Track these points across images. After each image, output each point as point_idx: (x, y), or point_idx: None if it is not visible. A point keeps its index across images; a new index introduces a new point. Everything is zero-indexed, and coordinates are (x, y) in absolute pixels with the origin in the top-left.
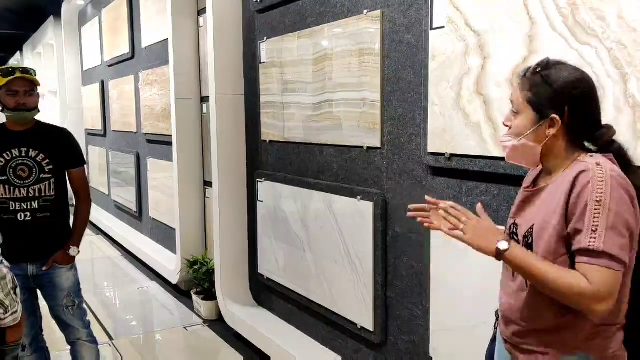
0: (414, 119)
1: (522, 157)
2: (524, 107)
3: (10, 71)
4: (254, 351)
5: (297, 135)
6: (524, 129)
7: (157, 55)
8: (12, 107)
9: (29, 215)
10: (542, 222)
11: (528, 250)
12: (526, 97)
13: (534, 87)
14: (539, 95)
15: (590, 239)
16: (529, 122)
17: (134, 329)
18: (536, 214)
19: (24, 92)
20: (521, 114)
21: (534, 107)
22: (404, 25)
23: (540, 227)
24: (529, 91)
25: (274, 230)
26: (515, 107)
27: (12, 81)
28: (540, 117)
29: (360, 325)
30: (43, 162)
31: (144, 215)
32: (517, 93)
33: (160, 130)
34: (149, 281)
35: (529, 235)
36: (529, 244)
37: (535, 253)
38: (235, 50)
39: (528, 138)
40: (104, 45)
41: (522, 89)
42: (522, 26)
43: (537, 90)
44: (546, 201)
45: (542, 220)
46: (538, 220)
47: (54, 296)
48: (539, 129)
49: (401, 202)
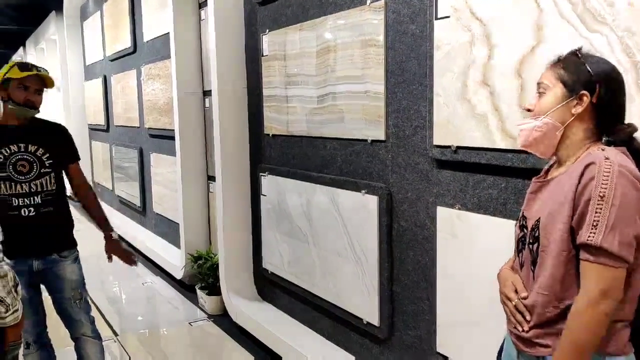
0: (418, 111)
1: (539, 141)
2: (554, 85)
3: (29, 67)
4: (259, 346)
5: (301, 129)
6: (551, 105)
7: (159, 49)
8: (21, 102)
9: (32, 211)
10: (548, 216)
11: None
12: (559, 75)
13: (569, 66)
14: (572, 73)
15: (590, 233)
16: (557, 98)
17: (139, 324)
18: (543, 206)
19: (34, 90)
20: (549, 91)
21: (565, 83)
22: (408, 16)
23: (547, 221)
24: (562, 69)
25: (277, 225)
26: (544, 85)
27: (28, 77)
28: (569, 94)
29: (365, 320)
30: (43, 156)
31: (147, 210)
32: (549, 72)
33: (163, 125)
34: (154, 276)
35: (535, 228)
36: (535, 237)
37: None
38: (237, 43)
39: (552, 115)
40: (106, 40)
41: (555, 68)
42: (529, 14)
43: (572, 68)
44: (553, 193)
45: (548, 213)
46: (544, 213)
47: (60, 289)
48: (566, 106)
49: (406, 196)
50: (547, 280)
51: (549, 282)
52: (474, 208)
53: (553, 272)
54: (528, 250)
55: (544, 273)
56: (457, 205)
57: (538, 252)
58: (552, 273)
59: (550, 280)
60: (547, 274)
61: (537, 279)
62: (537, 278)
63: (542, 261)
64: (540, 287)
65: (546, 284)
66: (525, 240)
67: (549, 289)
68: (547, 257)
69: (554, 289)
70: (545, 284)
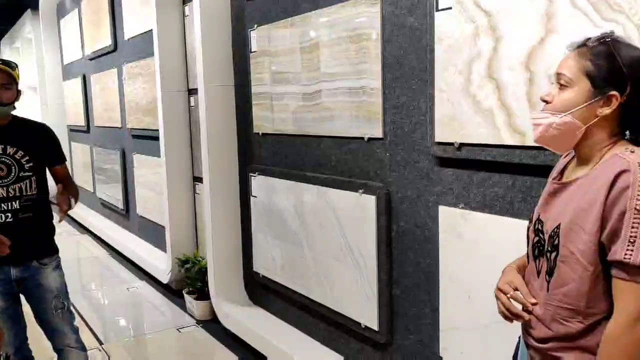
0: (418, 107)
1: (556, 139)
2: (578, 79)
3: None
4: (250, 352)
5: (292, 127)
6: (574, 103)
7: (141, 47)
8: None
9: (10, 217)
10: (570, 223)
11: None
12: (584, 68)
13: (597, 58)
14: (601, 67)
15: (627, 250)
16: (581, 96)
17: (125, 331)
18: (563, 211)
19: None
20: (573, 86)
21: (592, 79)
22: (407, 8)
23: (569, 228)
24: (589, 61)
25: (269, 227)
26: (567, 78)
27: None
28: (596, 93)
29: (364, 324)
30: (22, 159)
31: (131, 212)
32: (572, 62)
33: (146, 125)
34: (139, 281)
35: (555, 235)
36: (554, 245)
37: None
38: (224, 39)
39: (574, 115)
40: (85, 38)
41: (580, 59)
42: (538, 3)
43: (601, 61)
44: (575, 197)
45: (569, 220)
46: (565, 219)
47: (42, 298)
48: (591, 106)
49: (406, 195)
50: (572, 293)
51: (574, 295)
52: (478, 207)
53: (578, 286)
54: (545, 259)
55: (568, 286)
56: (461, 205)
57: (556, 262)
58: (578, 287)
59: (575, 293)
60: (572, 287)
61: (553, 289)
62: (552, 289)
63: (561, 272)
64: (563, 300)
65: (570, 297)
66: (543, 248)
67: (574, 303)
68: (568, 270)
69: (579, 303)
70: (569, 297)
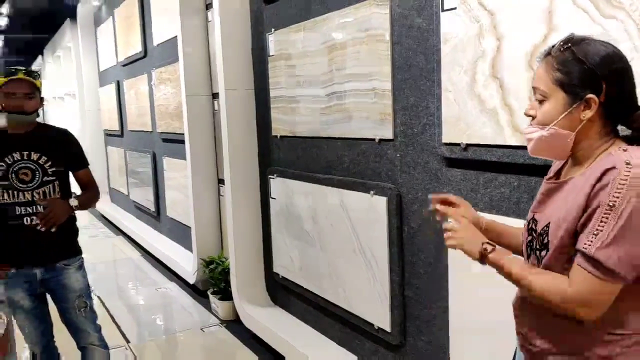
0: (427, 107)
1: (551, 149)
2: (552, 90)
3: (12, 72)
4: (270, 352)
5: (307, 130)
6: (555, 115)
7: (169, 53)
8: (9, 109)
9: (35, 220)
10: (559, 220)
11: (513, 256)
12: (555, 78)
13: (564, 66)
14: (571, 73)
15: (587, 241)
16: (560, 106)
17: (151, 331)
18: (554, 210)
19: (23, 95)
20: (549, 98)
21: (565, 88)
22: (414, 9)
23: (557, 226)
24: (557, 71)
25: (287, 228)
26: (541, 92)
27: (12, 82)
28: (573, 99)
29: (377, 325)
30: (45, 164)
31: (162, 214)
32: (543, 75)
33: (174, 129)
34: (168, 282)
35: (544, 233)
36: (544, 244)
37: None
38: (243, 44)
39: (560, 125)
40: (118, 45)
41: (549, 70)
42: (539, 1)
43: (568, 68)
44: (568, 197)
45: (558, 218)
46: (554, 218)
47: (65, 298)
48: (573, 113)
49: (416, 197)
50: None
51: None
52: (485, 208)
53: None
54: (534, 257)
55: None
56: None
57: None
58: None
59: None
60: None
61: None
62: None
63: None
64: None
65: None
66: (533, 246)
67: None
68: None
69: None
70: None
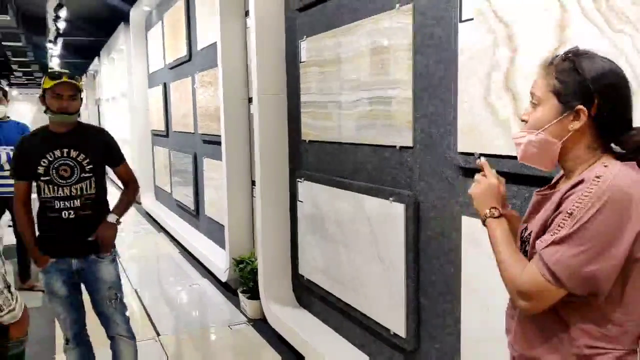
0: (445, 116)
1: (537, 156)
2: (546, 97)
3: (57, 75)
4: (293, 352)
5: (334, 135)
6: (545, 121)
7: (211, 57)
8: (55, 110)
9: (72, 213)
10: (537, 230)
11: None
12: (551, 86)
13: (562, 75)
14: (567, 83)
15: (542, 240)
16: (551, 113)
17: (181, 326)
18: (537, 220)
19: (68, 97)
20: (543, 104)
21: (558, 96)
22: (435, 19)
23: (535, 235)
24: (555, 79)
25: (312, 231)
26: (537, 97)
27: (58, 85)
28: (564, 109)
29: (393, 331)
30: (84, 161)
31: (200, 213)
32: (541, 82)
33: (213, 131)
34: (202, 279)
35: (526, 241)
36: (526, 252)
37: None
38: (277, 50)
39: (548, 132)
40: (166, 49)
41: (548, 77)
42: (552, 14)
43: (565, 78)
44: (548, 208)
45: (537, 227)
46: (534, 227)
47: (97, 289)
48: (562, 122)
49: (433, 205)
50: None
51: None
52: None
53: None
54: None
55: None
56: None
57: None
58: None
59: None
60: None
61: None
62: None
63: None
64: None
65: None
66: None
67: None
68: None
69: None
70: None
